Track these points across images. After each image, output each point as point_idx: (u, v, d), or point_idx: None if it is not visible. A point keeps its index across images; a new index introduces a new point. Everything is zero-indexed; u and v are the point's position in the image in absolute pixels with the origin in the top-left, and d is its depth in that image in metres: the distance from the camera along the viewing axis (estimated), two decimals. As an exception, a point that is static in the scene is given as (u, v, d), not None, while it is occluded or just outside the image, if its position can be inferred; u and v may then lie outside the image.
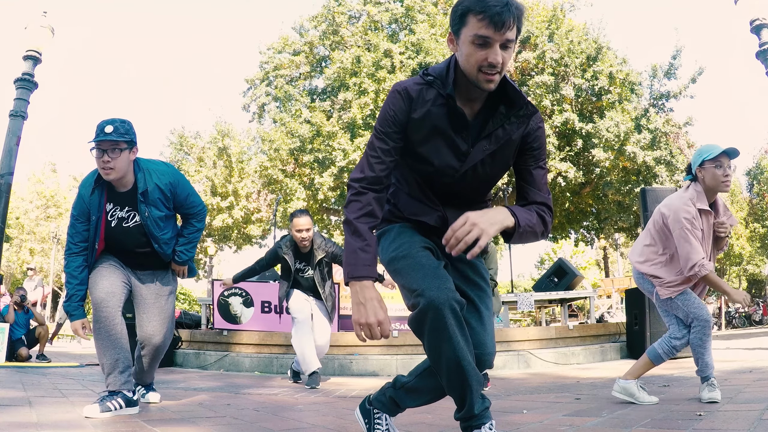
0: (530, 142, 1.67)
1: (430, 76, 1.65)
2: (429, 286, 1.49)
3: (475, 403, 1.57)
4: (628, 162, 14.19)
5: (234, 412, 2.79)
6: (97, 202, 2.75)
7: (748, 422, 2.03)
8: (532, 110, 1.64)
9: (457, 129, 1.62)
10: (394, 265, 1.65)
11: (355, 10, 16.92)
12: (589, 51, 14.20)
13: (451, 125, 1.61)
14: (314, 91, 18.14)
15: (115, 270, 2.84)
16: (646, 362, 2.92)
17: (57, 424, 2.24)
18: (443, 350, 1.53)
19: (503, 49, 1.49)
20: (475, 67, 1.51)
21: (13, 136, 6.71)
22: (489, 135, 1.62)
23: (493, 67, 1.49)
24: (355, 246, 1.58)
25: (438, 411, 2.76)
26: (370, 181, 1.65)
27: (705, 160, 2.77)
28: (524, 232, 1.58)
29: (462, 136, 1.62)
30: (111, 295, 2.71)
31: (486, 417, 1.59)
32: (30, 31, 6.92)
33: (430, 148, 1.65)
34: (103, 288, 2.72)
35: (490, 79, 1.51)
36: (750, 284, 33.56)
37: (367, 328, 1.52)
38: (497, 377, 4.89)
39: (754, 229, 25.66)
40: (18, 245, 29.85)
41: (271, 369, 5.74)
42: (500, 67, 1.50)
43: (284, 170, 15.94)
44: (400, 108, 1.63)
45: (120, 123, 2.69)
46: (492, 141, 1.63)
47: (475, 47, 1.49)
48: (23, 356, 6.87)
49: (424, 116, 1.62)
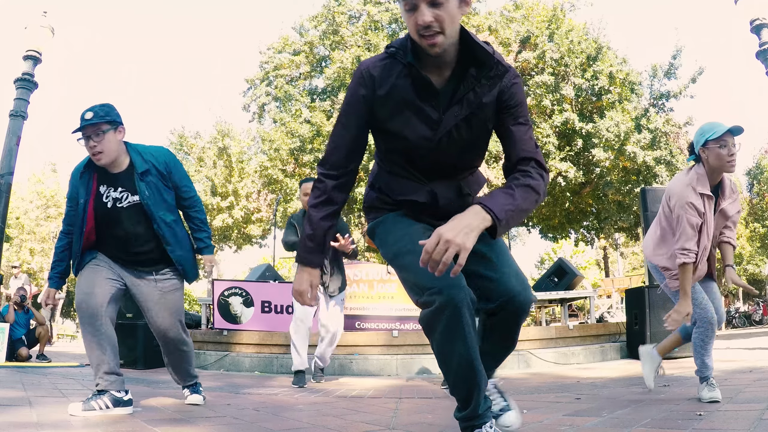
0: (506, 101, 1.60)
1: (392, 47, 1.63)
2: (445, 284, 1.45)
3: (480, 403, 1.57)
4: (628, 162, 14.20)
5: (234, 412, 2.79)
6: (85, 185, 2.74)
7: (748, 422, 2.03)
8: (504, 69, 1.58)
9: (424, 98, 1.57)
10: (400, 260, 1.63)
11: (355, 10, 16.91)
12: (589, 51, 14.20)
13: (419, 95, 1.57)
14: (314, 91, 18.14)
15: (101, 269, 2.76)
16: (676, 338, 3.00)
17: (57, 424, 2.24)
18: (456, 349, 1.50)
19: (433, 7, 1.43)
20: (416, 34, 1.48)
21: (13, 136, 6.71)
22: (460, 100, 1.57)
23: (427, 28, 1.43)
24: (305, 233, 1.71)
25: (438, 411, 2.76)
26: (332, 166, 1.67)
27: (708, 140, 2.65)
28: (509, 220, 1.47)
29: (432, 105, 1.58)
30: (91, 295, 2.66)
31: (487, 417, 1.59)
32: (30, 31, 6.92)
33: (401, 122, 1.61)
34: (84, 288, 2.69)
35: (432, 42, 1.46)
36: (750, 284, 33.55)
37: (297, 294, 1.73)
38: (497, 377, 4.89)
39: (754, 229, 25.68)
40: (18, 245, 29.84)
41: (272, 369, 5.75)
42: (436, 26, 1.44)
43: (284, 170, 15.95)
44: (361, 91, 1.61)
45: (99, 107, 2.68)
46: (464, 106, 1.57)
47: (408, 14, 1.47)
48: (23, 356, 6.87)
49: (389, 91, 1.59)
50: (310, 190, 4.42)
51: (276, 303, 6.51)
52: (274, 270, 8.66)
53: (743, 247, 25.31)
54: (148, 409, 2.85)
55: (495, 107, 1.61)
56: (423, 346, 5.75)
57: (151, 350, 6.20)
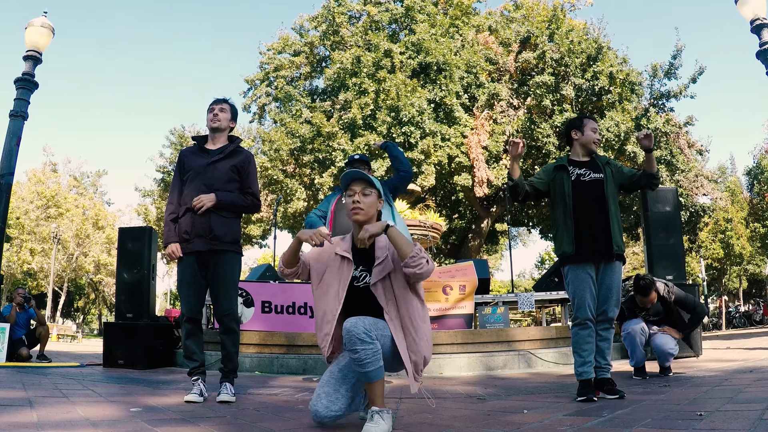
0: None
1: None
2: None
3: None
4: (628, 162, 14.20)
5: (234, 412, 2.80)
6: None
7: (748, 422, 2.03)
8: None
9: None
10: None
11: (355, 10, 16.92)
12: (589, 51, 14.21)
13: None
14: (314, 92, 18.15)
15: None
16: None
17: (57, 425, 2.24)
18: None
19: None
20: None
21: (13, 136, 6.71)
22: None
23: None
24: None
25: (438, 411, 2.76)
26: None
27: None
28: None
29: None
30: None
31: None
32: (30, 31, 6.92)
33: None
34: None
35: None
36: (750, 284, 33.56)
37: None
38: (498, 377, 4.90)
39: (754, 228, 25.66)
40: (18, 245, 29.84)
41: (272, 369, 5.74)
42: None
43: (284, 170, 15.95)
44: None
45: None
46: None
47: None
48: (24, 356, 6.87)
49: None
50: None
51: (276, 303, 6.50)
52: (275, 270, 8.65)
53: (743, 247, 25.28)
54: (148, 409, 2.85)
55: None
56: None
57: (151, 350, 6.21)
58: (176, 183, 3.44)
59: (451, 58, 14.83)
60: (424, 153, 13.75)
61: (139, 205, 28.95)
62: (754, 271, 28.20)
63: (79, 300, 43.03)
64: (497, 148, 14.74)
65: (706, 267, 27.89)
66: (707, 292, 29.82)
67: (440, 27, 15.97)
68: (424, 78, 15.06)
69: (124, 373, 5.33)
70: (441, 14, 16.89)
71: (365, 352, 2.12)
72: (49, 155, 33.60)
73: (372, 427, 2.08)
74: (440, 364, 5.37)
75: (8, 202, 6.71)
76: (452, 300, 6.69)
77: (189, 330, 3.38)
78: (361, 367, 2.15)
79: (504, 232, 22.23)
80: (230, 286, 3.40)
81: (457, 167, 14.51)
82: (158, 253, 9.65)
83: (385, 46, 14.77)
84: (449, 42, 15.41)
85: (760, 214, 25.52)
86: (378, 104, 14.17)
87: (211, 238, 3.27)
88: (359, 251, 2.44)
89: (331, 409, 2.24)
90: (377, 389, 2.19)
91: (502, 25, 16.48)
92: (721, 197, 20.10)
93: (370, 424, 2.09)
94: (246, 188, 3.43)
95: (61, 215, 30.70)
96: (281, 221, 17.27)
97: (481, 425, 2.30)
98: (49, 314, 30.06)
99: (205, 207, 3.24)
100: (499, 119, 15.18)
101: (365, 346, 2.12)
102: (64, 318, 40.83)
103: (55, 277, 31.11)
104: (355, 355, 2.13)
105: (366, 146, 13.72)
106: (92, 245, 32.69)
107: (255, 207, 3.51)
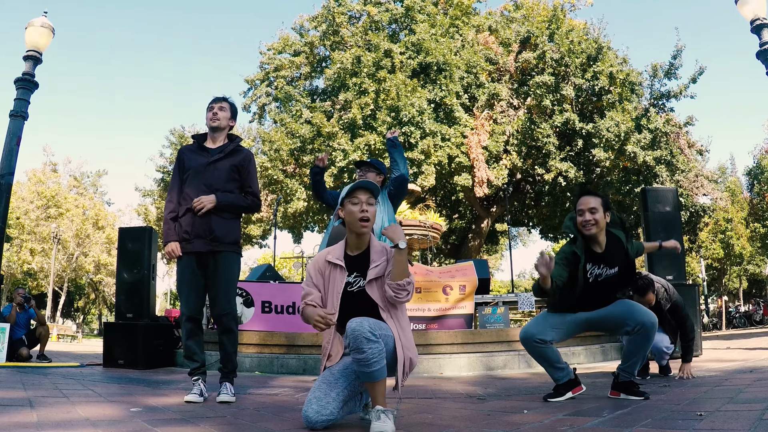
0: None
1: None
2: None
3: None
4: (629, 162, 14.20)
5: (234, 412, 2.79)
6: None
7: (748, 422, 2.03)
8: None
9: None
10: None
11: (355, 10, 16.92)
12: (590, 51, 14.21)
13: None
14: (314, 92, 18.15)
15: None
16: None
17: (57, 425, 2.24)
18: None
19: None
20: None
21: (13, 136, 6.71)
22: None
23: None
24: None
25: (438, 411, 2.76)
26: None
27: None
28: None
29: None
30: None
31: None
32: (30, 31, 6.92)
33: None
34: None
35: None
36: (750, 284, 33.55)
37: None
38: (498, 377, 4.90)
39: (754, 228, 25.65)
40: (18, 245, 29.84)
41: (272, 369, 5.74)
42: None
43: (284, 170, 15.95)
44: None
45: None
46: None
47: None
48: (24, 356, 6.87)
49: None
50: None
51: (276, 303, 6.50)
52: (275, 270, 8.65)
53: (743, 247, 25.28)
54: (148, 409, 2.85)
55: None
56: (424, 346, 5.75)
57: (151, 350, 6.21)
58: (175, 181, 3.44)
59: (451, 58, 14.83)
60: (424, 153, 13.75)
61: (139, 205, 28.99)
62: (754, 271, 28.19)
63: (79, 300, 43.03)
64: (497, 148, 14.74)
65: (706, 267, 27.88)
66: (707, 293, 29.79)
67: (440, 27, 15.97)
68: (424, 78, 15.06)
69: (124, 373, 5.33)
70: (441, 14, 16.89)
71: (371, 351, 2.13)
72: (49, 155, 33.66)
73: (381, 425, 2.07)
74: (440, 364, 5.36)
75: (8, 202, 6.71)
76: (452, 300, 6.69)
77: (189, 330, 3.38)
78: (366, 367, 2.15)
79: (504, 232, 22.24)
80: (230, 286, 3.39)
81: (457, 167, 14.51)
82: (158, 253, 9.65)
83: (385, 46, 14.77)
84: (449, 42, 15.41)
85: (760, 214, 25.51)
86: (378, 104, 14.17)
87: (212, 239, 3.27)
88: (352, 258, 2.47)
89: (322, 414, 2.23)
90: (380, 389, 2.19)
91: (502, 25, 16.48)
92: (721, 197, 20.10)
93: (378, 422, 2.09)
94: (246, 187, 3.43)
95: (61, 215, 30.70)
96: (281, 221, 17.27)
97: (481, 425, 2.30)
98: (49, 314, 30.06)
99: (205, 209, 3.24)
100: (499, 119, 15.18)
101: (371, 345, 2.13)
102: (64, 318, 40.82)
103: (55, 277, 31.10)
104: (361, 354, 2.13)
105: (366, 146, 13.72)
106: (92, 245, 32.71)
107: (255, 207, 3.51)
